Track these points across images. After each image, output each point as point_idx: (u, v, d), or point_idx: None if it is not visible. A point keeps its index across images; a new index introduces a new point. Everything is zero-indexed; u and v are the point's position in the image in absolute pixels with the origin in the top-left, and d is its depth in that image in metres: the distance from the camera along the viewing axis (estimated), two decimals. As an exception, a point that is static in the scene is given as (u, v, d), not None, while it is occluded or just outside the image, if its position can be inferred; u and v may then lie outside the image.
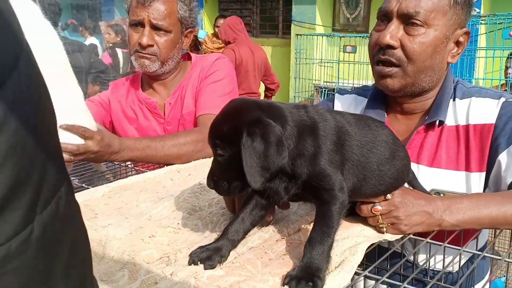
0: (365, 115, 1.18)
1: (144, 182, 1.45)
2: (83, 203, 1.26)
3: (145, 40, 1.81)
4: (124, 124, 1.98)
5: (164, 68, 1.89)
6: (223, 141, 0.91)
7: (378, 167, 1.05)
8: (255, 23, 8.36)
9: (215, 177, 0.95)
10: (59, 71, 1.32)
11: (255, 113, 0.89)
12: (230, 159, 0.90)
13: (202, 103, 1.90)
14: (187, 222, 1.15)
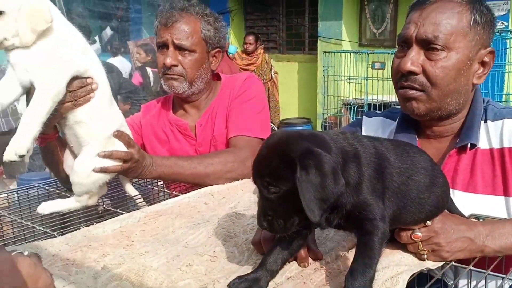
0: (402, 141, 1.16)
1: (178, 207, 1.45)
2: (118, 230, 1.27)
3: (169, 60, 1.83)
4: (155, 146, 2.00)
5: (193, 88, 1.90)
6: (274, 178, 0.87)
7: (418, 195, 1.03)
8: (281, 39, 8.39)
9: (268, 217, 0.89)
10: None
11: (303, 144, 0.87)
12: (283, 196, 0.87)
13: (233, 124, 1.90)
14: (223, 250, 1.15)
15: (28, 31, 1.25)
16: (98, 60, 1.46)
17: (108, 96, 1.47)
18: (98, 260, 1.07)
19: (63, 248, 1.14)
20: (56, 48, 1.31)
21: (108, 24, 5.00)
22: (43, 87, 1.28)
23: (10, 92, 1.32)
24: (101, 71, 1.46)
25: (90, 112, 1.41)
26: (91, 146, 1.44)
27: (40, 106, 1.28)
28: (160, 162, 1.63)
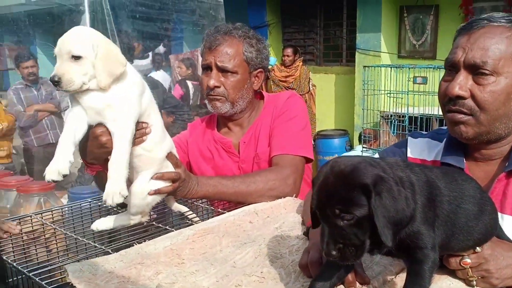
0: (450, 169, 1.15)
1: (225, 225, 1.49)
2: (169, 248, 1.32)
3: (212, 82, 1.90)
4: (201, 163, 2.06)
5: (235, 108, 1.95)
6: (347, 205, 0.87)
7: (466, 223, 1.03)
8: (318, 51, 8.40)
9: (339, 245, 0.88)
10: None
11: (374, 171, 0.89)
12: (355, 223, 0.87)
13: (276, 142, 1.94)
14: (271, 271, 1.17)
15: (106, 75, 1.32)
16: (151, 95, 1.54)
17: (161, 128, 1.55)
18: (152, 278, 1.12)
19: (118, 265, 1.20)
20: (127, 91, 1.39)
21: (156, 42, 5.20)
22: (121, 132, 1.37)
23: (80, 132, 1.40)
24: (155, 107, 1.54)
25: (147, 147, 1.50)
26: (147, 172, 1.52)
27: (123, 151, 1.36)
28: (205, 181, 1.70)
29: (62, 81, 1.30)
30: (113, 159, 1.36)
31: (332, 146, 7.21)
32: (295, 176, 1.84)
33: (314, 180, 0.93)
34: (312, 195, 0.92)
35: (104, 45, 1.35)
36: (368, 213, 0.86)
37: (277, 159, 1.89)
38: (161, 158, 1.54)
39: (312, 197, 0.92)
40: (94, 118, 1.39)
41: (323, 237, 0.90)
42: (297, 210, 1.62)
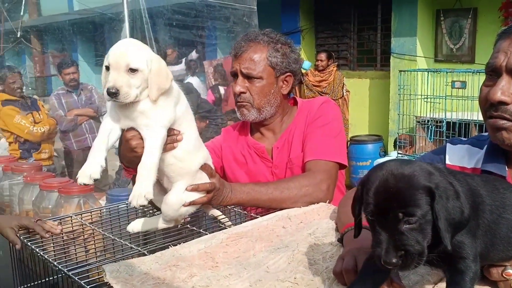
0: (491, 177, 1.12)
1: (258, 230, 1.50)
2: (203, 251, 1.34)
3: (237, 88, 1.92)
4: (234, 168, 2.08)
5: (262, 114, 1.96)
6: (410, 208, 0.84)
7: (507, 233, 1.00)
8: (352, 56, 8.33)
9: (400, 252, 0.84)
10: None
11: (433, 173, 0.88)
12: (418, 227, 0.85)
13: (310, 148, 1.93)
14: (304, 277, 1.17)
15: (156, 89, 1.38)
16: (188, 105, 1.57)
17: (194, 138, 1.57)
18: (186, 280, 1.14)
19: (154, 266, 1.22)
20: (162, 100, 1.42)
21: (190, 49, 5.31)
22: (153, 138, 1.40)
23: (114, 136, 1.45)
24: (189, 117, 1.57)
25: (179, 156, 1.52)
26: (181, 182, 1.55)
27: (153, 156, 1.39)
28: (239, 188, 1.71)
29: (120, 94, 1.32)
30: (142, 162, 1.39)
31: (365, 152, 7.11)
32: (329, 182, 1.83)
33: (365, 184, 0.90)
34: (366, 199, 0.89)
35: (157, 60, 1.40)
36: (430, 217, 0.85)
37: (310, 165, 1.89)
38: (193, 170, 1.56)
39: (366, 202, 0.89)
40: (126, 123, 1.43)
41: (381, 244, 0.85)
42: (330, 216, 1.61)
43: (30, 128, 4.66)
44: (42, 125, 4.77)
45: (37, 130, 4.69)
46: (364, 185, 0.91)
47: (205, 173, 1.60)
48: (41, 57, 6.45)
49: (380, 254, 0.86)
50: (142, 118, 1.40)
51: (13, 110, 4.73)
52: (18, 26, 5.77)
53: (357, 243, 1.20)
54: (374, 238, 0.89)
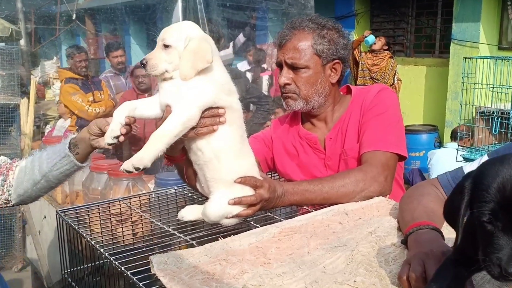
0: None
1: (312, 225, 1.40)
2: (254, 245, 1.26)
3: (282, 79, 1.81)
4: (285, 161, 1.98)
5: (310, 104, 1.84)
6: None
7: None
8: (408, 42, 7.96)
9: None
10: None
11: None
12: None
13: (366, 139, 1.80)
14: (365, 281, 1.07)
15: (189, 67, 1.33)
16: (239, 104, 1.48)
17: (239, 138, 1.47)
18: (237, 277, 1.06)
19: (203, 259, 1.15)
20: (203, 84, 1.35)
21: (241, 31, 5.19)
22: (177, 111, 1.33)
23: (150, 109, 1.41)
24: (238, 115, 1.47)
25: (218, 152, 1.42)
26: (220, 192, 1.44)
27: (169, 127, 1.32)
28: (292, 190, 1.59)
29: (148, 65, 1.35)
30: (155, 132, 1.33)
31: (419, 142, 6.82)
32: (386, 173, 1.69)
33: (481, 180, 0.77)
34: (482, 197, 0.76)
35: (197, 40, 1.34)
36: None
37: (366, 157, 1.76)
38: (232, 177, 1.44)
39: (482, 200, 0.76)
40: (163, 101, 1.38)
41: (500, 250, 0.73)
42: (391, 213, 1.49)
43: (85, 107, 4.75)
44: (99, 106, 4.84)
45: (92, 110, 4.77)
46: (477, 180, 0.78)
47: (248, 186, 1.47)
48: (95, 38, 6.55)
49: (500, 263, 0.73)
50: (176, 95, 1.35)
51: (72, 87, 4.81)
52: (73, 8, 5.88)
53: (424, 247, 1.09)
54: (489, 242, 0.75)
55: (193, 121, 1.34)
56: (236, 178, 1.44)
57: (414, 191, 1.47)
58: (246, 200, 1.45)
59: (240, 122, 1.48)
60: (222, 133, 1.41)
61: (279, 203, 1.58)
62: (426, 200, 1.36)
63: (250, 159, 1.52)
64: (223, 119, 1.40)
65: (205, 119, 1.38)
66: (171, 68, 1.35)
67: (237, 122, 1.46)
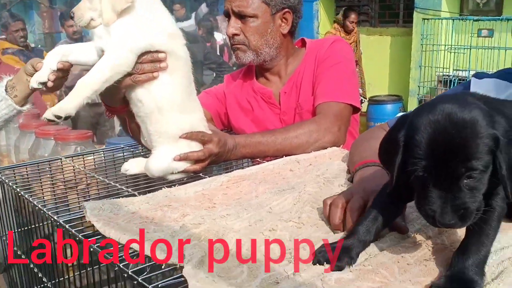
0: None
1: (263, 173, 1.37)
2: (201, 192, 1.22)
3: (230, 30, 1.75)
4: (239, 116, 1.93)
5: (261, 56, 1.79)
6: (474, 161, 0.71)
7: None
8: (373, 11, 7.96)
9: (459, 210, 0.72)
10: None
11: (493, 116, 0.74)
12: (478, 180, 0.72)
13: (320, 90, 1.77)
14: (310, 216, 1.05)
15: (109, 10, 1.26)
16: (186, 51, 1.38)
17: (185, 89, 1.38)
18: (178, 220, 1.02)
19: (144, 206, 1.11)
20: (133, 26, 1.28)
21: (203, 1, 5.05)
22: (106, 55, 1.26)
23: (87, 54, 1.33)
24: (184, 62, 1.37)
25: (161, 103, 1.33)
26: (163, 149, 1.37)
27: (97, 73, 1.25)
28: (244, 142, 1.55)
29: (75, 17, 1.30)
30: (82, 78, 1.25)
31: (384, 112, 6.87)
32: (340, 124, 1.67)
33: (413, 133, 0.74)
34: (414, 152, 0.73)
35: None
36: (491, 167, 0.72)
37: (320, 108, 1.73)
38: (177, 132, 1.36)
39: (415, 155, 0.73)
40: (97, 45, 1.30)
41: (433, 203, 0.73)
42: (342, 159, 1.47)
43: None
44: None
45: None
46: (410, 133, 0.75)
47: (196, 141, 1.40)
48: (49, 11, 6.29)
49: (434, 215, 0.73)
50: (103, 40, 1.28)
51: (12, 59, 4.57)
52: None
53: (369, 181, 1.08)
54: (423, 195, 0.75)
55: (125, 65, 1.26)
56: (181, 133, 1.37)
57: (364, 135, 1.46)
58: (193, 155, 1.39)
59: (185, 71, 1.39)
60: (164, 82, 1.32)
61: (230, 156, 1.53)
62: (375, 142, 1.34)
63: (198, 113, 1.44)
64: (164, 65, 1.31)
65: (144, 65, 1.29)
66: (96, 15, 1.28)
67: (182, 71, 1.37)
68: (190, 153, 1.38)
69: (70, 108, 1.23)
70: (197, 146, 1.41)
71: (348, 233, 0.88)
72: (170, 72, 1.33)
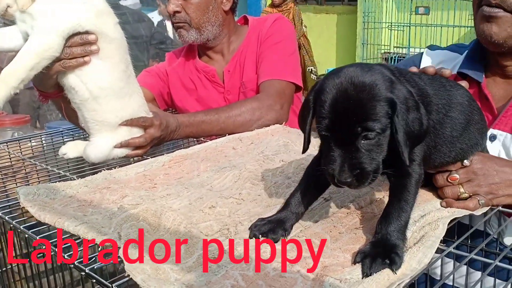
0: (438, 76, 1.02)
1: (205, 151, 1.38)
2: (142, 173, 1.21)
3: (171, 7, 1.73)
4: (182, 96, 1.92)
5: (204, 35, 1.78)
6: (370, 122, 0.74)
7: (451, 133, 0.91)
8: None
9: (356, 170, 0.75)
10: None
11: (394, 83, 0.77)
12: (376, 142, 0.75)
13: (263, 69, 1.79)
14: (250, 192, 1.07)
15: None
16: (120, 31, 1.31)
17: (121, 73, 1.31)
18: (117, 201, 1.02)
19: (82, 190, 1.09)
20: (56, 4, 1.20)
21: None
22: (30, 40, 1.18)
23: (11, 39, 1.24)
24: (118, 45, 1.30)
25: (95, 91, 1.27)
26: (101, 137, 1.33)
27: (21, 60, 1.17)
28: (187, 122, 1.54)
29: None
30: (6, 66, 1.18)
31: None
32: (282, 102, 1.70)
33: (319, 94, 0.77)
34: (320, 112, 0.76)
35: None
36: (389, 131, 0.75)
37: (263, 86, 1.75)
38: (114, 121, 1.32)
39: (320, 115, 0.76)
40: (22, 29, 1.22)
41: (334, 162, 0.75)
42: (281, 135, 1.50)
43: None
44: None
45: None
46: (317, 94, 0.77)
47: (137, 128, 1.37)
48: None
49: (333, 173, 0.76)
50: (27, 24, 1.20)
51: None
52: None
53: None
54: (326, 155, 0.77)
55: (51, 50, 1.18)
56: (120, 121, 1.33)
57: None
58: (134, 142, 1.36)
59: (121, 55, 1.32)
60: (98, 68, 1.26)
61: (174, 136, 1.53)
62: None
63: (137, 98, 1.39)
64: (95, 47, 1.24)
65: (73, 48, 1.22)
66: (11, 1, 1.19)
67: (116, 55, 1.30)
68: (131, 139, 1.36)
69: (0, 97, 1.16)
70: (139, 131, 1.38)
71: (281, 207, 0.91)
72: (103, 57, 1.26)
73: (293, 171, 1.18)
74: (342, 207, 0.98)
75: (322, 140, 0.80)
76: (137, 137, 1.37)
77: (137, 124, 1.37)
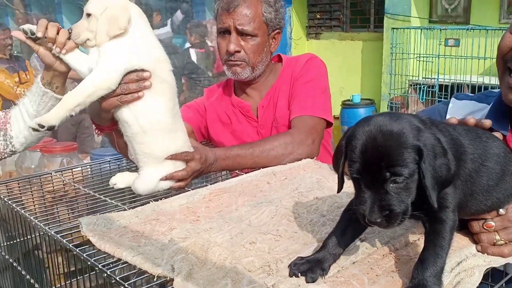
0: (474, 127, 1.08)
1: (242, 185, 1.47)
2: (185, 206, 1.31)
3: (232, 46, 1.81)
4: (218, 129, 2.03)
5: (255, 72, 1.89)
6: (398, 168, 0.81)
7: (487, 182, 0.97)
8: (345, 17, 8.15)
9: (386, 211, 0.83)
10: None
11: (421, 131, 0.84)
12: (404, 186, 0.83)
13: (295, 105, 1.88)
14: (287, 229, 1.15)
15: (104, 34, 1.35)
16: (172, 76, 1.46)
17: (169, 111, 1.44)
18: (166, 233, 1.11)
19: (133, 220, 1.19)
20: (121, 48, 1.36)
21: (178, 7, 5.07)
22: (94, 72, 1.35)
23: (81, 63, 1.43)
24: (169, 85, 1.45)
25: (145, 125, 1.40)
26: (151, 169, 1.45)
27: (81, 87, 1.34)
28: (224, 155, 1.64)
29: (72, 33, 1.40)
30: (68, 92, 1.37)
31: (357, 115, 7.02)
32: (314, 137, 1.79)
33: (351, 140, 0.85)
34: (351, 156, 0.85)
35: (114, 8, 1.36)
36: (416, 175, 0.83)
37: (295, 122, 1.84)
38: (158, 156, 1.45)
39: (351, 159, 0.85)
40: (90, 65, 1.40)
41: (365, 203, 0.83)
42: (314, 171, 1.58)
43: (13, 89, 4.54)
44: (26, 86, 4.66)
45: (20, 91, 4.58)
46: (349, 140, 0.86)
47: (180, 161, 1.49)
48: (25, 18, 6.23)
49: (364, 213, 0.84)
50: (93, 59, 1.38)
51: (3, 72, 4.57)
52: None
53: None
54: (358, 196, 0.86)
55: (108, 82, 1.34)
56: (166, 155, 1.45)
57: None
58: (177, 175, 1.48)
59: (170, 94, 1.46)
60: (149, 104, 1.40)
61: (212, 169, 1.63)
62: None
63: (182, 135, 1.52)
64: (148, 83, 1.38)
65: (129, 84, 1.37)
66: (92, 36, 1.37)
67: (166, 94, 1.44)
68: (175, 172, 1.47)
69: (53, 120, 1.34)
70: (181, 164, 1.50)
71: (319, 247, 0.98)
72: (155, 94, 1.41)
73: (327, 208, 1.26)
74: (377, 249, 1.04)
75: (354, 182, 0.88)
76: (180, 170, 1.48)
77: (181, 157, 1.48)
